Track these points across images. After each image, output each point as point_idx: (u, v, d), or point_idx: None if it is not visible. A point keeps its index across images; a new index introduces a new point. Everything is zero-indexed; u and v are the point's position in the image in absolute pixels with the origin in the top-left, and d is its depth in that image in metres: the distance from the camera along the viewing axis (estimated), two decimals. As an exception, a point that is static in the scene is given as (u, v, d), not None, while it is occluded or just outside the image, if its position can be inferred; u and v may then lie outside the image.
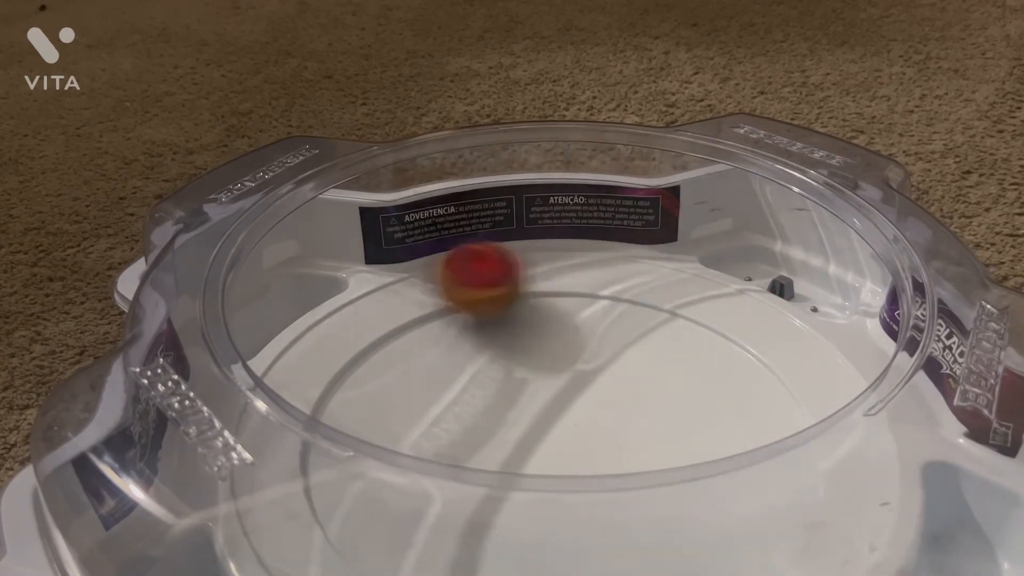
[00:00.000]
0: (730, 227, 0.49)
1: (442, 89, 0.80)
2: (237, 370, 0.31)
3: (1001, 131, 0.68)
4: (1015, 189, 0.60)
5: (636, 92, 0.78)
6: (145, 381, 0.30)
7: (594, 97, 0.77)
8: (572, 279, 0.46)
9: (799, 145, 0.45)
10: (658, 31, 0.91)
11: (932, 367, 0.32)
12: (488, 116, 0.75)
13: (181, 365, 0.32)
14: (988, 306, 0.33)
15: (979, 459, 0.30)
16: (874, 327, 0.41)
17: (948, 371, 0.32)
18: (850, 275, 0.44)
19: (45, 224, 0.61)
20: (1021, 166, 0.63)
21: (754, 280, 0.46)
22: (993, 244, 0.54)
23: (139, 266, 0.42)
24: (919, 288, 0.35)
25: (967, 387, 0.31)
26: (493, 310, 0.42)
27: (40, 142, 0.74)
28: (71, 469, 0.28)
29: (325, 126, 0.75)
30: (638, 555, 0.29)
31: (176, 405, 0.30)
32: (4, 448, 0.43)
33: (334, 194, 0.45)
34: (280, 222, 0.42)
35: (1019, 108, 0.71)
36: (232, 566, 0.28)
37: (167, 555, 0.27)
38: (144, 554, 0.27)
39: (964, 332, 0.33)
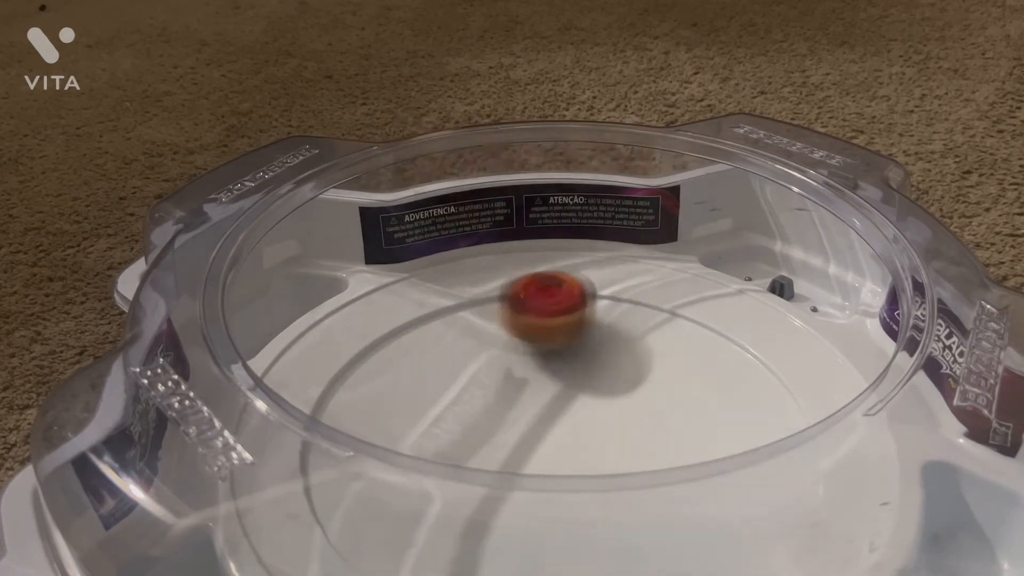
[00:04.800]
0: (730, 227, 0.49)
1: (442, 89, 0.80)
2: (237, 370, 0.31)
3: (1001, 131, 0.68)
4: (1015, 189, 0.60)
5: (636, 92, 0.78)
6: (145, 381, 0.30)
7: (594, 97, 0.77)
8: (572, 279, 0.46)
9: (799, 145, 0.45)
10: (658, 31, 0.91)
11: (932, 367, 0.32)
12: (488, 116, 0.75)
13: (181, 365, 0.32)
14: (988, 306, 0.33)
15: (979, 459, 0.30)
16: (874, 327, 0.41)
17: (948, 371, 0.32)
18: (850, 275, 0.44)
19: (45, 224, 0.61)
20: (1021, 166, 0.63)
21: (754, 280, 0.46)
22: (993, 244, 0.54)
23: (139, 266, 0.42)
24: (919, 288, 0.35)
25: (967, 387, 0.31)
26: (565, 338, 0.41)
27: (40, 142, 0.74)
28: (71, 469, 0.28)
29: (325, 126, 0.75)
30: (638, 555, 0.29)
31: (176, 405, 0.30)
32: (4, 448, 0.43)
33: (334, 194, 0.45)
34: (280, 222, 0.42)
35: (1019, 108, 0.71)
36: (232, 566, 0.28)
37: (167, 555, 0.27)
38: (144, 554, 0.27)
39: (964, 332, 0.33)
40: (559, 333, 0.40)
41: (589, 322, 0.41)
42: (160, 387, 0.30)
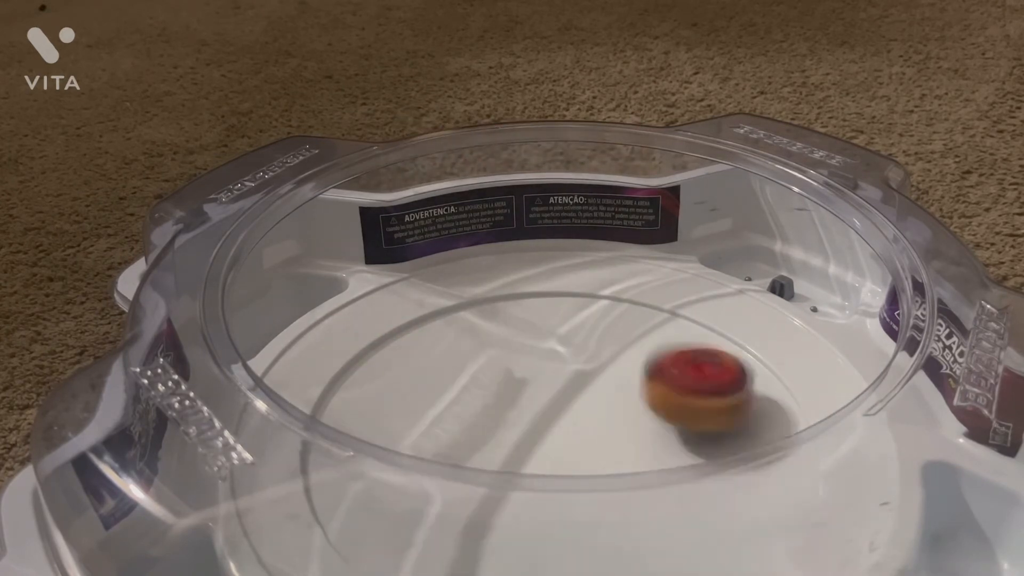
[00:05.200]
0: (730, 227, 0.49)
1: (442, 89, 0.80)
2: (237, 370, 0.31)
3: (1001, 131, 0.68)
4: (1015, 189, 0.60)
5: (636, 92, 0.78)
6: (145, 381, 0.30)
7: (594, 97, 0.77)
8: (572, 279, 0.46)
9: (799, 145, 0.45)
10: (658, 31, 0.91)
11: (932, 367, 0.32)
12: (488, 116, 0.75)
13: (181, 365, 0.32)
14: (988, 306, 0.33)
15: (979, 459, 0.30)
16: (874, 327, 0.41)
17: (948, 371, 0.32)
18: (850, 275, 0.44)
19: (45, 224, 0.61)
20: (1021, 166, 0.63)
21: (754, 280, 0.46)
22: (993, 244, 0.54)
23: (139, 266, 0.42)
24: (919, 288, 0.35)
25: (967, 387, 0.31)
26: (722, 422, 0.36)
27: (40, 142, 0.74)
28: (71, 469, 0.28)
29: (325, 126, 0.75)
30: (638, 555, 0.29)
31: (176, 405, 0.30)
32: (4, 448, 0.43)
33: (334, 194, 0.45)
34: (280, 222, 0.42)
35: (1019, 108, 0.71)
36: (232, 566, 0.28)
37: (167, 555, 0.27)
38: (144, 554, 0.27)
39: (964, 332, 0.33)
40: (714, 416, 0.35)
41: (747, 407, 0.36)
42: (160, 387, 0.30)
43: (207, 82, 0.84)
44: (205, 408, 0.29)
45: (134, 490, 0.28)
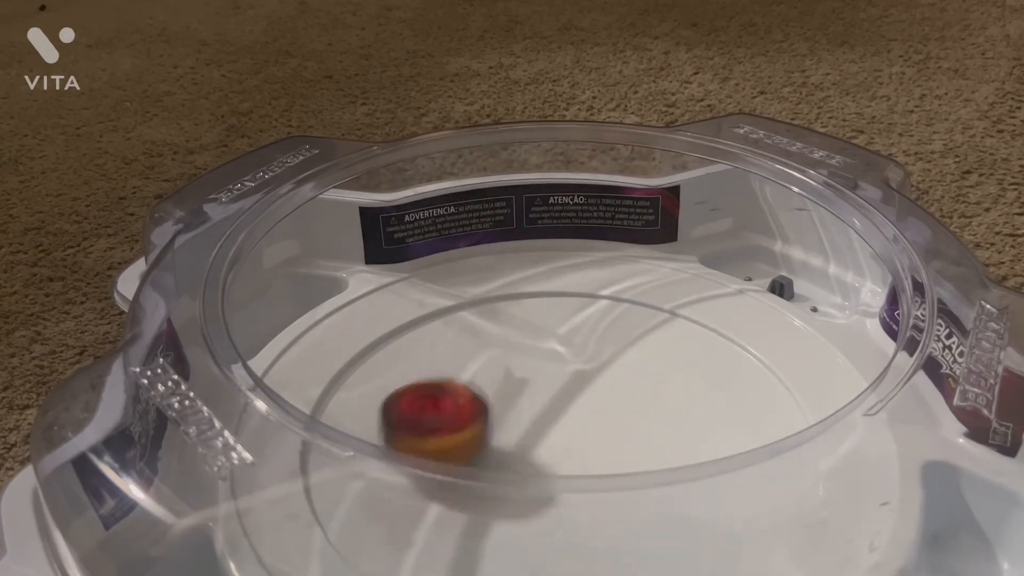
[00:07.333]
0: (730, 227, 0.49)
1: (442, 89, 0.80)
2: (237, 370, 0.31)
3: (1001, 131, 0.68)
4: (1015, 189, 0.60)
5: (636, 92, 0.78)
6: (145, 381, 0.30)
7: (594, 97, 0.77)
8: (572, 279, 0.46)
9: (799, 145, 0.45)
10: (658, 31, 0.91)
11: (932, 367, 0.32)
12: (488, 116, 0.75)
13: (181, 365, 0.32)
14: (988, 306, 0.33)
15: (979, 459, 0.30)
16: (874, 327, 0.41)
17: (948, 371, 0.32)
18: (850, 275, 0.44)
19: (45, 224, 0.61)
20: (1021, 166, 0.63)
21: (754, 280, 0.46)
22: (993, 244, 0.54)
23: (139, 266, 0.42)
24: (919, 288, 0.35)
25: (967, 387, 0.31)
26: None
27: (40, 142, 0.74)
28: (71, 469, 0.28)
29: (325, 126, 0.75)
30: (638, 555, 0.29)
31: (176, 405, 0.30)
32: (4, 448, 0.43)
33: (334, 194, 0.45)
34: (280, 222, 0.42)
35: (1019, 108, 0.71)
36: (232, 566, 0.28)
37: (167, 555, 0.27)
38: (144, 554, 0.27)
39: (964, 332, 0.33)
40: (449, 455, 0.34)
41: (481, 441, 0.34)
42: (160, 387, 0.30)
43: (207, 82, 0.84)
44: (205, 408, 0.29)
45: (134, 490, 0.28)
